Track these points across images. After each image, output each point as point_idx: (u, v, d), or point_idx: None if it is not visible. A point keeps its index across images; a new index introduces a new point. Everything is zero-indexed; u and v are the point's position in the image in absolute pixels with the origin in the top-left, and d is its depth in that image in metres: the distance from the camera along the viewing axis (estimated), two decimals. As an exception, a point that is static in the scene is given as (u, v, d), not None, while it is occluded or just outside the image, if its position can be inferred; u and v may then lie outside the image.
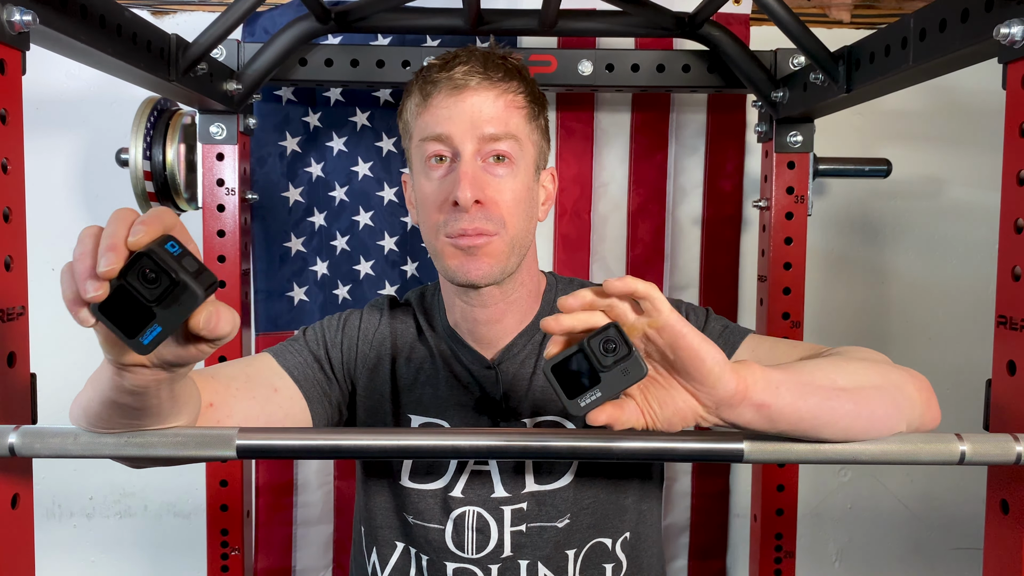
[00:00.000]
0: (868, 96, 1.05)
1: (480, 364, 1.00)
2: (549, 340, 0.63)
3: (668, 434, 0.69)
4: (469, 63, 0.91)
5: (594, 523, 0.99)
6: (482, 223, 0.90)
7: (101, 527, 1.64)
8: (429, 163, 0.93)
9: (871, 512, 1.70)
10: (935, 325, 1.67)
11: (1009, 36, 0.67)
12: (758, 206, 1.38)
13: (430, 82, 0.92)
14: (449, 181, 0.91)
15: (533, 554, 0.97)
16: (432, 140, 0.92)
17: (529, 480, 0.97)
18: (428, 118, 0.92)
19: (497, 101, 0.92)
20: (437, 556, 0.98)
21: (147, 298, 0.53)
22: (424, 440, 0.73)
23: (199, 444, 0.68)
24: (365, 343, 1.04)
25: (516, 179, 0.93)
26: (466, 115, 0.90)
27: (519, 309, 1.00)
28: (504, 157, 0.92)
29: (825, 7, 1.60)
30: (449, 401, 1.00)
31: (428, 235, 0.95)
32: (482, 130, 0.90)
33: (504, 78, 0.93)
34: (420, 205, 0.96)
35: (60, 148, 1.57)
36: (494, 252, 0.91)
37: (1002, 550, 0.71)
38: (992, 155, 1.63)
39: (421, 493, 0.99)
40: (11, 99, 0.70)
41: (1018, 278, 0.69)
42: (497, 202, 0.91)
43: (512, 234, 0.92)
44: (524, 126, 0.94)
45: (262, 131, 1.51)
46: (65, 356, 1.60)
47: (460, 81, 0.90)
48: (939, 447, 0.68)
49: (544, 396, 0.99)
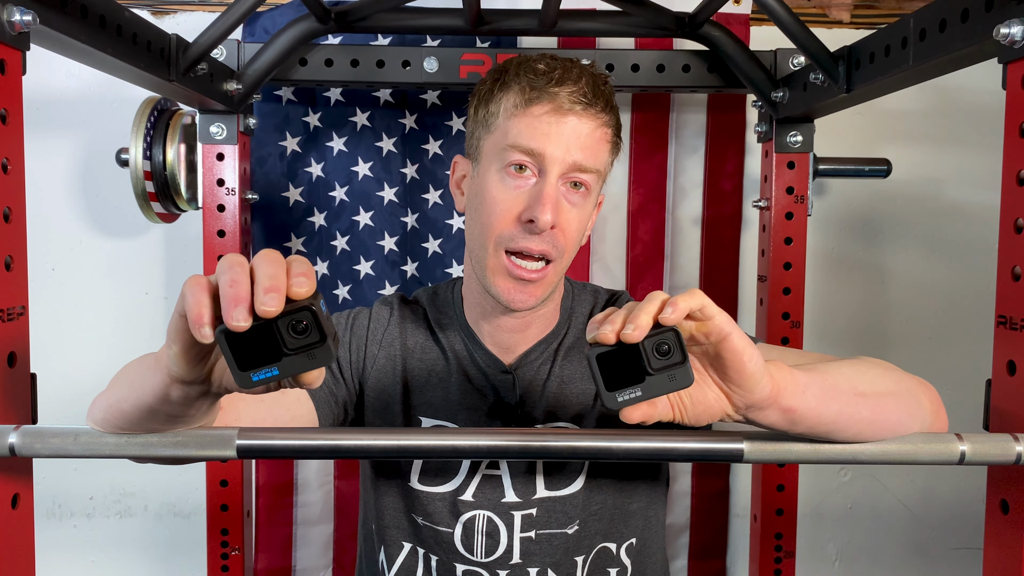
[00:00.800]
0: (868, 96, 1.05)
1: (497, 368, 1.00)
2: (597, 329, 0.61)
3: (668, 434, 0.69)
4: (578, 84, 0.90)
5: (602, 529, 0.99)
6: (548, 247, 0.90)
7: (101, 527, 1.64)
8: (509, 170, 0.91)
9: (871, 512, 1.70)
10: (935, 325, 1.67)
11: (1009, 36, 0.67)
12: (758, 206, 1.38)
13: (536, 89, 0.90)
14: (527, 197, 0.90)
15: (543, 561, 0.97)
16: (522, 151, 0.90)
17: (540, 485, 0.97)
18: (524, 127, 0.90)
19: (594, 133, 0.91)
20: (447, 557, 0.98)
21: (286, 345, 0.55)
22: (423, 440, 0.73)
23: (199, 444, 0.68)
24: (374, 343, 1.03)
25: (584, 210, 0.93)
26: (563, 138, 0.89)
27: (544, 321, 1.01)
28: (582, 185, 0.92)
29: (825, 7, 1.60)
30: (461, 404, 0.99)
31: (483, 241, 0.93)
32: (574, 157, 0.89)
33: (603, 110, 0.92)
34: (483, 207, 0.93)
35: (60, 148, 1.57)
36: (543, 285, 0.92)
37: (1002, 550, 0.71)
38: (992, 155, 1.63)
39: (430, 496, 0.98)
40: (11, 99, 0.70)
41: (1018, 278, 0.69)
42: (565, 230, 0.91)
43: (565, 262, 0.94)
44: (607, 161, 0.95)
45: (262, 131, 1.51)
46: (65, 356, 1.60)
47: (567, 102, 0.89)
48: (939, 447, 0.68)
49: (558, 403, 0.99)
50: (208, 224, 1.31)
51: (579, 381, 1.00)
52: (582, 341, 1.02)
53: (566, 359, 1.01)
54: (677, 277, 1.61)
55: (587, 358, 0.61)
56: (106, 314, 1.61)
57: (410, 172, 1.57)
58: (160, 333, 1.61)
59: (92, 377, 1.60)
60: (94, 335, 1.61)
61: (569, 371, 1.01)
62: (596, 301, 1.07)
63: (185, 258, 1.59)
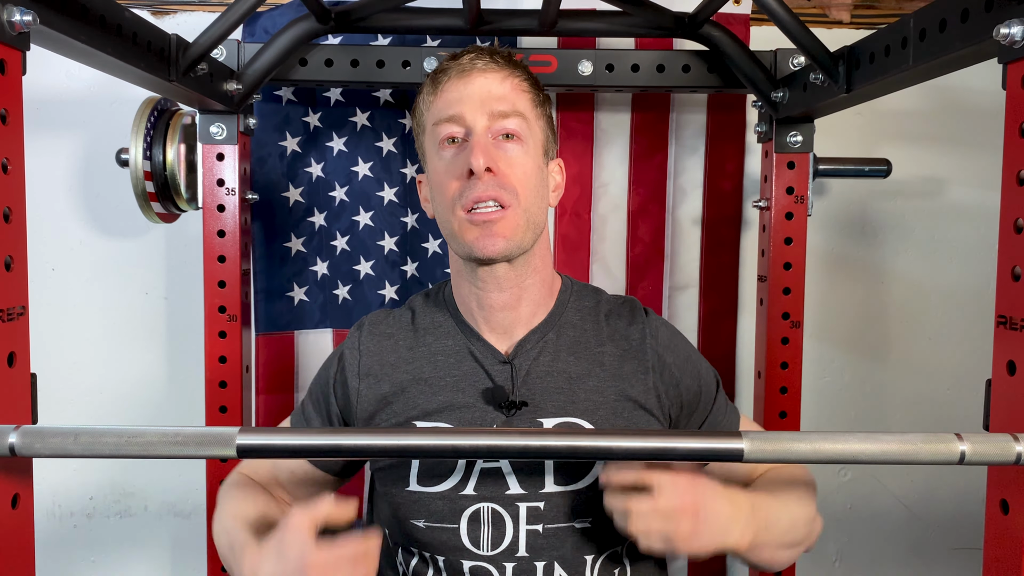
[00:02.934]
0: (868, 96, 1.05)
1: (495, 359, 1.00)
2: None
3: (668, 434, 0.69)
4: (475, 52, 0.98)
5: (613, 531, 0.95)
6: (495, 191, 0.93)
7: (101, 527, 1.64)
8: (443, 145, 0.97)
9: (871, 512, 1.70)
10: (935, 325, 1.67)
11: (1009, 36, 0.67)
12: (758, 206, 1.38)
13: (440, 71, 0.99)
14: (463, 155, 0.95)
15: (550, 555, 0.96)
16: (445, 122, 0.96)
17: (548, 480, 0.96)
18: (439, 103, 0.98)
19: (504, 83, 0.97)
20: (453, 556, 0.97)
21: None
22: (423, 440, 0.73)
23: (199, 444, 0.68)
24: (353, 378, 1.03)
25: (526, 156, 0.97)
26: (475, 95, 0.96)
27: (532, 298, 1.01)
28: (512, 135, 0.97)
29: (825, 7, 1.60)
30: (458, 399, 0.99)
31: (445, 214, 0.97)
32: (491, 107, 0.95)
33: (508, 64, 0.99)
34: (435, 188, 0.99)
35: (60, 148, 1.57)
36: (509, 226, 0.94)
37: (1002, 550, 0.70)
38: (992, 155, 1.63)
39: (431, 495, 0.98)
40: (11, 99, 0.70)
41: (1018, 278, 0.69)
42: (508, 174, 0.95)
43: (525, 207, 0.95)
44: (531, 109, 0.99)
45: (262, 131, 1.51)
46: (65, 356, 1.61)
47: (468, 65, 0.97)
48: (939, 447, 0.68)
49: (558, 395, 0.98)
50: (208, 224, 1.31)
51: (589, 378, 1.00)
52: (588, 335, 1.02)
53: (574, 354, 1.01)
54: (677, 277, 1.61)
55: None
56: (106, 314, 1.61)
57: (410, 172, 1.57)
58: (160, 333, 1.61)
59: (92, 377, 1.61)
60: (94, 335, 1.61)
61: (579, 368, 1.00)
62: (599, 300, 1.07)
63: (185, 258, 1.59)
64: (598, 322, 1.04)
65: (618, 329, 1.03)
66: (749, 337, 1.57)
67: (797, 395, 1.35)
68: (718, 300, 1.60)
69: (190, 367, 1.58)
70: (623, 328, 1.03)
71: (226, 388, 1.32)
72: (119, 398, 1.62)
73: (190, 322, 1.58)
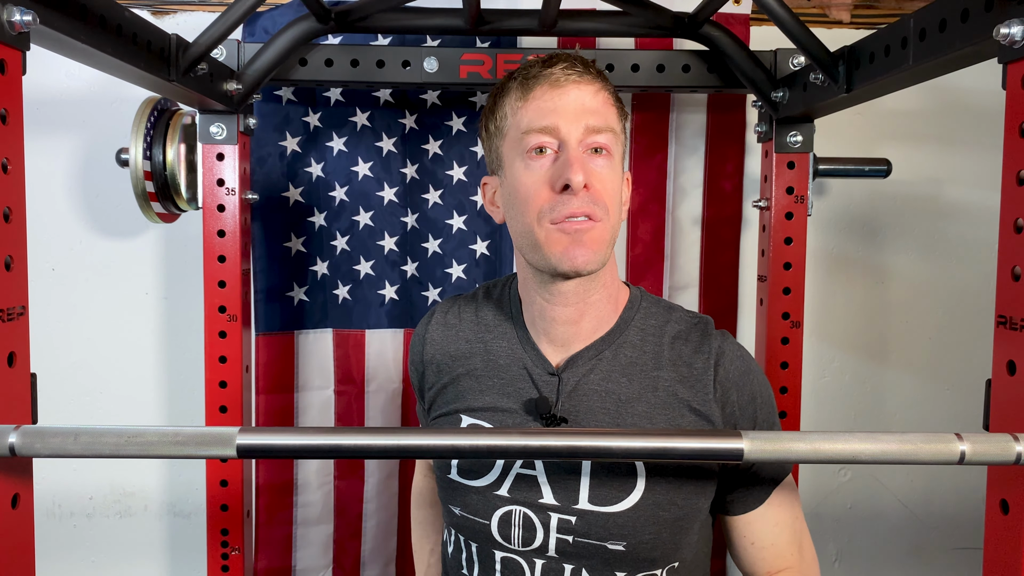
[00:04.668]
0: (868, 96, 1.05)
1: (544, 370, 0.99)
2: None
3: (668, 433, 0.68)
4: (568, 61, 0.95)
5: (650, 556, 0.95)
6: (589, 207, 0.91)
7: (101, 527, 1.64)
8: (530, 155, 0.94)
9: (871, 512, 1.70)
10: (935, 325, 1.67)
11: (1009, 36, 0.67)
12: (758, 206, 1.38)
13: (531, 77, 0.95)
14: (556, 168, 0.92)
15: (579, 562, 0.95)
16: (537, 132, 0.93)
17: (583, 497, 0.94)
18: (530, 111, 0.94)
19: (596, 96, 0.95)
20: (486, 544, 0.99)
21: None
22: (423, 440, 0.73)
23: (199, 444, 0.68)
24: (421, 364, 1.10)
25: (613, 171, 0.96)
26: (570, 107, 0.93)
27: (596, 313, 0.99)
28: (603, 149, 0.94)
29: (825, 7, 1.60)
30: (502, 403, 0.99)
31: (528, 225, 0.94)
32: (586, 121, 0.93)
33: (598, 77, 0.97)
34: (517, 197, 0.95)
35: (60, 148, 1.57)
36: (598, 239, 0.93)
37: (1002, 550, 0.70)
38: (992, 155, 1.64)
39: (468, 488, 0.99)
40: (11, 99, 0.70)
41: (1018, 278, 0.69)
42: (600, 190, 0.93)
43: (612, 223, 0.95)
44: (618, 123, 0.97)
45: (262, 131, 1.51)
46: (65, 356, 1.61)
47: (562, 77, 0.94)
48: (939, 447, 0.68)
49: (604, 416, 0.96)
50: (208, 224, 1.31)
51: (639, 402, 0.96)
52: (647, 357, 0.98)
53: (627, 376, 0.97)
54: (677, 277, 1.61)
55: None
56: (106, 314, 1.61)
57: (410, 172, 1.57)
58: (160, 333, 1.61)
59: (92, 377, 1.61)
60: (94, 335, 1.61)
61: (631, 391, 0.96)
62: (669, 319, 1.02)
63: (185, 258, 1.59)
64: (660, 343, 0.99)
65: (682, 355, 0.98)
66: (749, 337, 1.57)
67: (797, 395, 1.35)
68: (718, 300, 1.60)
69: (190, 367, 1.58)
70: (688, 355, 0.98)
71: (226, 388, 1.32)
72: (119, 398, 1.62)
73: (190, 322, 1.58)
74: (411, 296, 1.59)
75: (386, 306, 1.58)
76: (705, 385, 0.96)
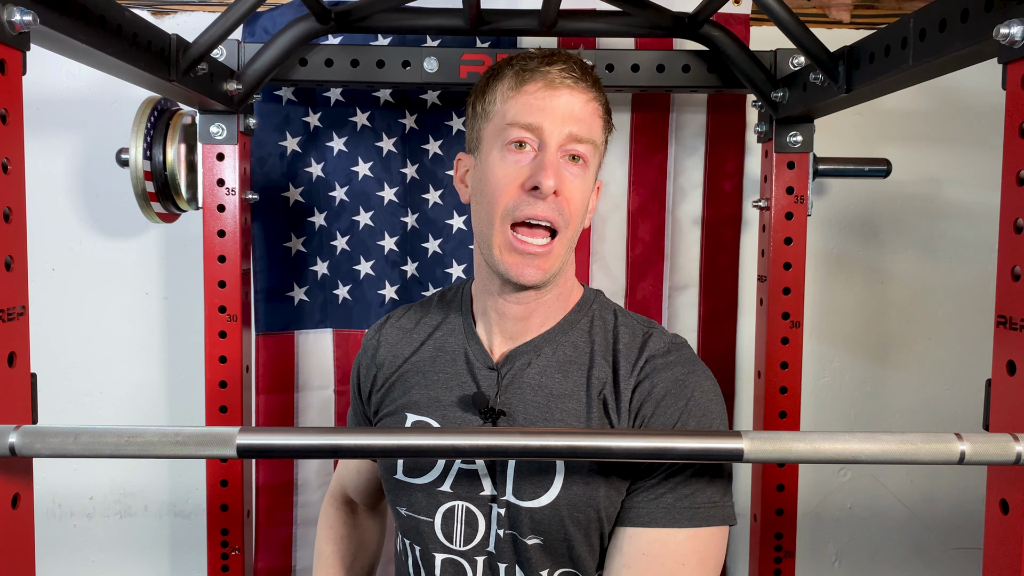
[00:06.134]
0: (868, 96, 1.05)
1: (484, 364, 1.01)
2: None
3: (668, 433, 0.68)
4: (567, 64, 0.95)
5: (567, 555, 0.95)
6: (553, 213, 0.92)
7: (101, 527, 1.64)
8: (509, 147, 0.95)
9: (871, 512, 1.70)
10: (935, 325, 1.67)
11: (1009, 36, 0.67)
12: (758, 206, 1.38)
13: (528, 70, 0.95)
14: (530, 167, 0.93)
15: (511, 558, 0.97)
16: (520, 127, 0.94)
17: (509, 488, 0.96)
18: (520, 105, 0.95)
19: (587, 106, 0.96)
20: (428, 546, 1.00)
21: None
22: (423, 440, 0.73)
23: (199, 444, 0.68)
24: (371, 366, 1.11)
25: (585, 182, 0.96)
26: (559, 110, 0.94)
27: (545, 311, 1.01)
28: (580, 158, 0.95)
29: (825, 7, 1.60)
30: (444, 396, 1.01)
31: (489, 217, 0.95)
32: (571, 127, 0.94)
33: (592, 86, 0.97)
34: (487, 187, 0.96)
35: (60, 148, 1.57)
36: (550, 261, 0.94)
37: (1002, 550, 0.70)
38: (992, 155, 1.64)
39: (412, 487, 1.01)
40: (11, 99, 0.70)
41: (1018, 278, 0.69)
42: (569, 199, 0.94)
43: (570, 235, 0.96)
44: (600, 135, 0.98)
45: (262, 131, 1.51)
46: (65, 356, 1.61)
47: (558, 78, 0.94)
48: (939, 447, 0.68)
49: (534, 410, 0.97)
50: (208, 224, 1.31)
51: (570, 399, 0.97)
52: (583, 356, 0.99)
53: (562, 372, 0.98)
54: (677, 277, 1.61)
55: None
56: (106, 314, 1.61)
57: (410, 172, 1.57)
58: (160, 333, 1.61)
59: (92, 377, 1.61)
60: (94, 335, 1.61)
61: (563, 388, 0.97)
62: (618, 325, 1.01)
63: (185, 258, 1.59)
64: (605, 346, 0.99)
65: (618, 361, 0.97)
66: (749, 337, 1.57)
67: (797, 395, 1.36)
68: (718, 300, 1.60)
69: (190, 367, 1.58)
70: (622, 362, 0.97)
71: (226, 388, 1.32)
72: (119, 398, 1.62)
73: (190, 322, 1.58)
74: (411, 296, 1.59)
75: (386, 306, 1.58)
76: (624, 393, 0.95)
